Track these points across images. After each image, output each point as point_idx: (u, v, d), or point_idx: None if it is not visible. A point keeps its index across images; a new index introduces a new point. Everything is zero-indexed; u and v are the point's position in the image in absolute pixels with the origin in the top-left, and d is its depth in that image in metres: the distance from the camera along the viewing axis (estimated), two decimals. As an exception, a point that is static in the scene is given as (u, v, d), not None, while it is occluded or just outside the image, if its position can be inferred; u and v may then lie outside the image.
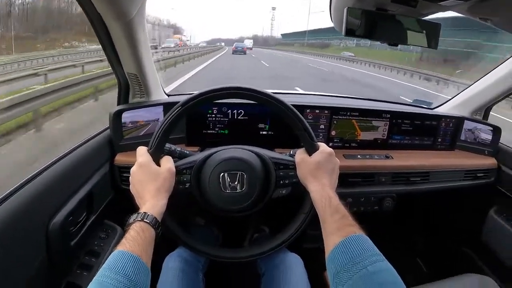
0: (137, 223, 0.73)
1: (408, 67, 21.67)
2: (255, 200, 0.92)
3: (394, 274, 0.63)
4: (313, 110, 1.40)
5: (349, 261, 0.64)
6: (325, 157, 0.88)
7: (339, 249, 0.68)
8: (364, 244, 0.68)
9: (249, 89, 0.88)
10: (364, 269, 0.62)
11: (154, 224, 0.75)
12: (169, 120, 0.87)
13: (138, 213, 0.76)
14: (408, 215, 1.86)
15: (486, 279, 1.18)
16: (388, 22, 0.98)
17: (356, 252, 0.65)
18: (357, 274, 0.62)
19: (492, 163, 1.54)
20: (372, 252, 0.66)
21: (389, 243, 1.57)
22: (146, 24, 1.11)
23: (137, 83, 1.25)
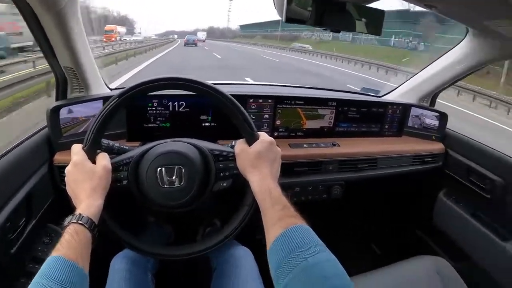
0: (72, 226, 0.69)
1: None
2: (195, 194, 0.89)
3: (335, 265, 0.61)
4: (256, 99, 1.38)
5: (289, 253, 0.62)
6: (266, 147, 0.85)
7: (280, 241, 0.66)
8: (305, 235, 0.66)
9: (186, 79, 0.85)
10: (304, 261, 0.60)
11: (90, 225, 0.71)
12: (104, 114, 0.83)
13: (73, 215, 0.72)
14: (358, 201, 1.89)
15: (439, 259, 1.22)
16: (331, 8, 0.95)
17: (296, 243, 0.63)
18: (297, 266, 0.60)
19: (439, 148, 1.59)
20: (314, 243, 0.64)
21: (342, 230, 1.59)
22: (80, 13, 1.05)
23: (74, 77, 1.18)
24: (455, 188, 1.58)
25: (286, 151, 1.17)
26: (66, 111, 1.16)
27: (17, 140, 1.07)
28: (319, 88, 1.89)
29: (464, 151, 1.53)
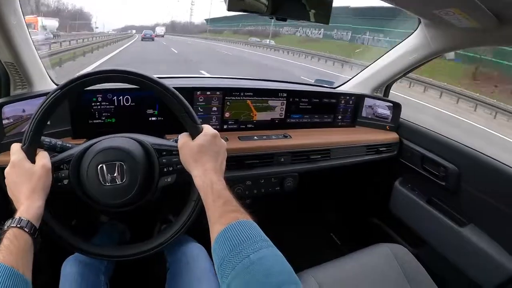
0: (10, 230, 0.66)
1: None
2: (139, 191, 0.85)
3: (280, 260, 0.59)
4: (203, 92, 1.34)
5: (231, 251, 0.59)
6: (209, 140, 0.83)
7: (222, 238, 0.63)
8: (247, 230, 0.63)
9: (126, 71, 0.81)
10: (246, 258, 0.57)
11: (30, 229, 0.68)
12: (42, 110, 0.78)
13: (13, 218, 0.69)
14: (314, 193, 1.90)
15: (397, 246, 1.24)
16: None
17: (238, 240, 0.61)
18: (239, 264, 0.57)
19: (394, 138, 1.61)
20: (256, 239, 0.62)
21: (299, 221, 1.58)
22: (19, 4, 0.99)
23: (16, 73, 1.12)
24: (411, 176, 1.61)
25: (236, 144, 1.13)
26: (9, 109, 1.09)
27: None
28: (270, 80, 1.86)
29: (418, 140, 1.56)
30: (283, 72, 14.46)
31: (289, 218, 0.80)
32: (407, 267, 1.17)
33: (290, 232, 0.63)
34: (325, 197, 2.02)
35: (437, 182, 1.44)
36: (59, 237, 0.85)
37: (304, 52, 24.83)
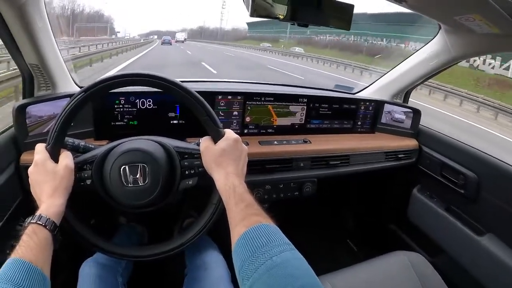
0: (30, 227, 0.68)
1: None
2: (160, 193, 0.87)
3: (302, 263, 0.59)
4: (225, 96, 1.36)
5: (253, 253, 0.60)
6: (230, 144, 0.84)
7: (243, 240, 0.64)
8: (270, 233, 0.64)
9: (151, 75, 0.83)
10: (269, 260, 0.58)
11: (50, 226, 0.70)
12: (67, 112, 0.81)
13: (33, 215, 0.71)
14: (332, 198, 1.90)
15: (414, 254, 1.23)
16: (298, 2, 0.94)
17: (261, 242, 0.61)
18: (262, 266, 0.57)
19: (413, 144, 1.60)
20: (279, 242, 0.62)
21: (318, 228, 1.58)
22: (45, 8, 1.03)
23: (40, 74, 1.15)
24: (429, 183, 1.59)
25: (256, 148, 1.15)
26: (33, 109, 1.12)
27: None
28: (291, 85, 1.87)
29: (438, 147, 1.54)
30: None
31: (306, 223, 0.81)
32: (424, 275, 1.16)
33: (307, 237, 0.63)
34: (343, 203, 2.02)
35: (456, 190, 1.43)
36: (80, 235, 0.87)
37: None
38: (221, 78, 12.04)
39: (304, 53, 29.86)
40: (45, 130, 1.16)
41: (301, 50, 35.32)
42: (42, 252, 0.66)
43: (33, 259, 0.62)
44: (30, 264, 0.61)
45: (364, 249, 1.93)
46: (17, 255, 0.62)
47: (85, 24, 60.52)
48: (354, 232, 2.03)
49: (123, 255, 0.94)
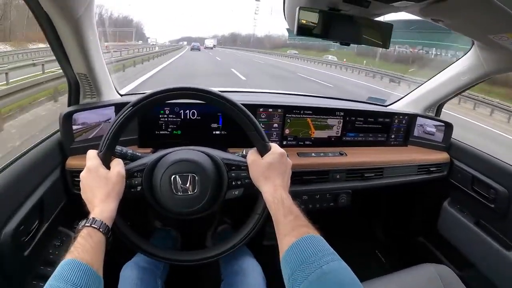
0: (85, 229, 0.71)
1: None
2: (207, 202, 0.90)
3: (349, 273, 0.63)
4: (266, 109, 1.40)
5: (303, 262, 0.64)
6: (277, 158, 0.88)
7: (293, 250, 0.68)
8: (318, 244, 0.68)
9: (200, 89, 0.87)
10: (319, 268, 0.62)
11: (103, 229, 0.73)
12: (119, 122, 0.84)
13: (87, 219, 0.74)
14: (365, 210, 1.91)
15: (443, 267, 1.22)
16: (341, 22, 0.98)
17: (310, 252, 0.65)
18: (312, 274, 0.61)
19: (444, 158, 1.60)
20: (327, 252, 0.66)
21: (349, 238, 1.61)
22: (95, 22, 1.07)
23: (87, 83, 1.21)
24: (460, 197, 1.59)
25: (295, 160, 1.19)
26: (78, 116, 1.18)
27: (30, 144, 1.09)
28: (325, 97, 1.91)
29: (469, 161, 1.54)
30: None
31: (337, 233, 0.83)
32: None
33: (337, 246, 0.66)
34: (374, 214, 2.03)
35: (487, 204, 1.42)
36: (127, 238, 0.91)
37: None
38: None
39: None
40: (90, 137, 1.21)
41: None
42: (97, 254, 0.69)
43: (89, 260, 0.65)
44: (86, 265, 0.63)
45: (392, 260, 1.93)
46: (73, 256, 0.65)
47: (105, 28, 61.24)
48: (383, 243, 2.04)
49: (168, 259, 0.97)
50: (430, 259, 1.31)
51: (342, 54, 34.37)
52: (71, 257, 0.64)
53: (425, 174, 1.56)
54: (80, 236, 0.69)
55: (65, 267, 0.62)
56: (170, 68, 16.65)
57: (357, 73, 22.33)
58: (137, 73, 13.08)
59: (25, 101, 5.97)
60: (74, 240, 0.69)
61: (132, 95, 1.47)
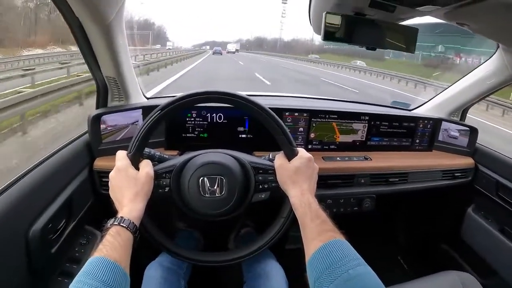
0: (114, 228, 0.72)
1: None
2: (234, 204, 0.92)
3: (375, 278, 0.64)
4: (292, 113, 1.41)
5: (330, 266, 0.65)
6: (304, 163, 0.88)
7: (320, 254, 0.69)
8: (344, 248, 0.69)
9: (228, 93, 0.88)
10: (345, 273, 0.62)
11: (132, 228, 0.74)
12: (148, 124, 0.86)
13: (115, 217, 0.75)
14: (388, 215, 1.89)
15: (466, 275, 1.20)
16: (366, 27, 0.99)
17: (336, 256, 0.66)
18: (338, 278, 0.62)
19: (469, 163, 1.58)
20: (353, 257, 0.67)
21: (371, 243, 1.60)
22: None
23: (115, 86, 1.24)
24: (484, 203, 1.56)
25: (320, 163, 1.19)
26: (106, 118, 1.21)
27: (59, 145, 1.12)
28: (350, 101, 1.91)
29: (494, 166, 1.52)
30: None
31: (360, 237, 0.83)
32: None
33: (359, 251, 0.66)
34: (396, 219, 2.01)
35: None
36: (154, 238, 0.93)
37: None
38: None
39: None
40: (118, 138, 1.24)
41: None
42: (125, 252, 0.70)
43: (117, 258, 0.66)
44: (114, 263, 0.65)
45: (414, 267, 1.91)
46: (102, 253, 0.66)
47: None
48: (406, 249, 2.01)
49: (192, 259, 0.98)
50: (453, 267, 1.29)
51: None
52: (99, 254, 0.66)
53: (450, 180, 1.54)
54: (108, 234, 0.71)
55: (94, 264, 0.64)
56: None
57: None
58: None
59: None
60: (103, 238, 0.71)
61: (159, 98, 1.50)
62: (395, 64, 28.98)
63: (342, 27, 0.95)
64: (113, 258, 0.65)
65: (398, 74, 21.55)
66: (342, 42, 0.98)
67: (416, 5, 0.89)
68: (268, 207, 1.01)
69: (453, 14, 0.91)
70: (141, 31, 71.36)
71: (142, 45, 44.07)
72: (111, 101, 1.29)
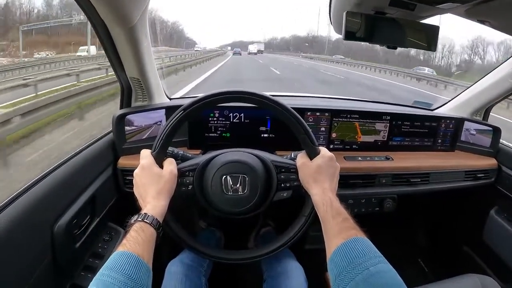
0: (137, 224, 0.74)
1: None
2: (256, 202, 0.93)
3: (396, 275, 0.64)
4: (313, 112, 1.41)
5: (350, 263, 0.65)
6: (326, 162, 0.89)
7: (341, 251, 0.69)
8: (365, 246, 0.69)
9: (251, 93, 0.90)
10: (366, 270, 0.63)
11: (155, 224, 0.76)
12: (172, 124, 0.88)
13: (139, 214, 0.77)
14: (409, 215, 1.87)
15: (487, 279, 1.18)
16: (387, 25, 0.99)
17: (357, 254, 0.67)
18: (359, 275, 0.62)
19: (492, 164, 1.55)
20: (374, 254, 0.67)
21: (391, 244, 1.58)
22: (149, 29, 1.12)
23: (139, 87, 1.26)
24: (508, 205, 1.52)
25: (341, 163, 1.19)
26: (130, 118, 1.24)
27: (85, 144, 1.15)
28: (372, 101, 1.90)
29: None
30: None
31: (380, 238, 0.82)
32: (496, 301, 1.12)
33: (380, 251, 0.66)
34: (417, 221, 1.98)
35: None
36: (177, 235, 0.95)
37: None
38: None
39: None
40: (141, 138, 1.28)
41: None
42: (148, 248, 0.72)
43: (140, 253, 0.68)
44: (138, 257, 0.67)
45: (435, 269, 1.88)
46: (126, 248, 0.68)
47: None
48: (426, 251, 1.99)
49: (214, 257, 1.00)
50: (474, 270, 1.26)
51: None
52: (123, 249, 0.68)
53: (472, 181, 1.51)
54: (132, 230, 0.73)
55: (117, 258, 0.66)
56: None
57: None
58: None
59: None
60: (127, 234, 0.73)
61: (181, 99, 1.53)
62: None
63: (362, 26, 0.95)
64: (137, 252, 0.67)
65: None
66: (363, 41, 0.98)
67: (436, 3, 0.89)
68: (288, 206, 1.02)
69: (473, 11, 0.90)
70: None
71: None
72: (135, 101, 1.32)
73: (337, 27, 1.08)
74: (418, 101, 1.90)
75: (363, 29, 0.95)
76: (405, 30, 1.01)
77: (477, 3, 0.83)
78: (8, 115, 4.50)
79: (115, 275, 0.62)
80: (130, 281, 0.62)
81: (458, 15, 0.98)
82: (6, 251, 0.73)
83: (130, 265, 0.64)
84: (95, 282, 0.61)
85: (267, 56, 48.47)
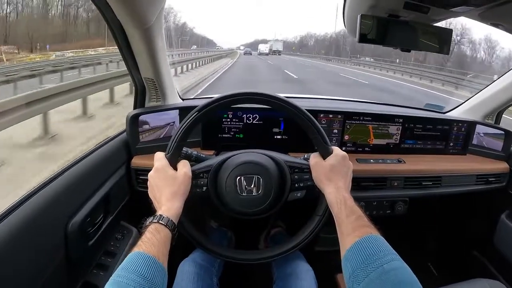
0: (153, 225, 0.75)
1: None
2: (271, 203, 0.93)
3: (410, 272, 0.64)
4: (326, 114, 1.41)
5: (365, 260, 0.66)
6: (339, 160, 0.90)
7: (355, 248, 0.70)
8: (379, 244, 0.70)
9: (264, 94, 0.90)
10: (380, 267, 0.63)
11: (170, 225, 0.77)
12: (186, 126, 0.89)
13: (154, 215, 0.78)
14: (420, 219, 1.85)
15: (496, 283, 1.17)
16: (401, 28, 1.00)
17: (371, 251, 0.67)
18: (373, 272, 0.63)
19: (504, 168, 1.53)
20: (388, 252, 0.68)
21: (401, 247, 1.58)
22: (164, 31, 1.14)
23: (153, 87, 1.28)
24: None
25: (354, 165, 1.20)
26: (144, 118, 1.25)
27: (98, 143, 1.17)
28: (384, 103, 1.90)
29: None
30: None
31: (390, 241, 0.82)
32: (505, 306, 1.10)
33: None
34: (429, 224, 1.97)
35: None
36: (191, 236, 0.95)
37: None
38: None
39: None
40: (155, 138, 1.28)
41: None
42: (163, 249, 0.73)
43: (155, 254, 0.69)
44: (153, 258, 0.68)
45: (444, 274, 1.87)
46: (141, 249, 0.69)
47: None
48: (436, 255, 1.97)
49: (226, 257, 1.00)
50: (485, 274, 1.26)
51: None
52: (138, 250, 0.69)
53: (484, 185, 1.50)
54: (148, 231, 0.74)
55: (133, 259, 0.67)
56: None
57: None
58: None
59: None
60: (142, 235, 0.74)
61: (194, 100, 1.55)
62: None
63: (376, 29, 0.96)
64: (152, 253, 0.68)
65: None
66: (376, 43, 0.99)
67: (450, 6, 0.89)
68: (298, 208, 1.03)
69: (487, 15, 0.90)
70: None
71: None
72: (149, 102, 1.33)
73: (351, 30, 1.08)
74: (430, 104, 1.88)
75: (377, 31, 0.96)
76: (419, 32, 1.02)
77: (490, 6, 0.83)
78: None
79: (131, 275, 0.63)
80: (145, 282, 0.63)
81: (472, 18, 0.98)
82: (20, 249, 0.74)
83: (146, 266, 0.65)
84: (110, 282, 0.62)
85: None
